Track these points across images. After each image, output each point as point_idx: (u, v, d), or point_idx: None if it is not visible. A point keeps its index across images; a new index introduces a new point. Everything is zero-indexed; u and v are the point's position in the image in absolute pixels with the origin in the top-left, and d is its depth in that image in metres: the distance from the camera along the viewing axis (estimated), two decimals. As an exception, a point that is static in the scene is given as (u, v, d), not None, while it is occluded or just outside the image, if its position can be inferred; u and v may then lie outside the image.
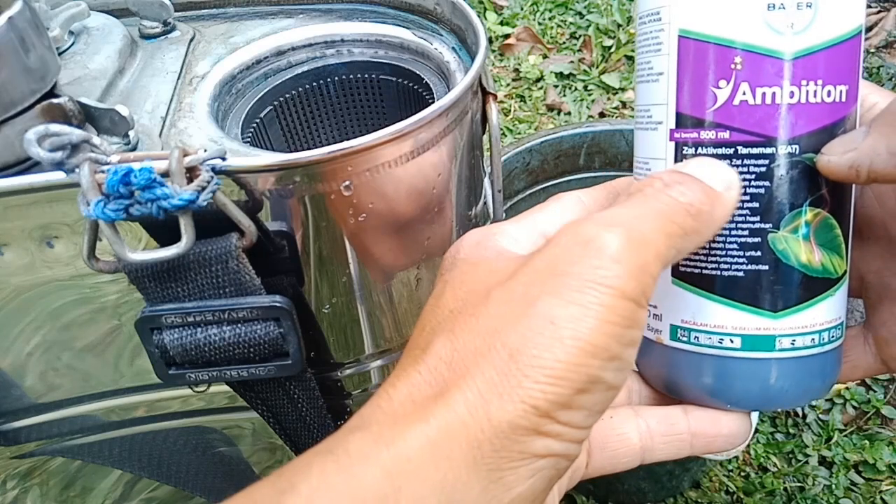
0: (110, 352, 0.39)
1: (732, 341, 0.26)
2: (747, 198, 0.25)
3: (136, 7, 0.44)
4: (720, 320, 0.26)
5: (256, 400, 0.36)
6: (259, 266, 0.32)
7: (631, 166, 0.29)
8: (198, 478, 0.49)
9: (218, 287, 0.31)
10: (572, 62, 1.42)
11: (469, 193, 0.40)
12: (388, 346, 0.41)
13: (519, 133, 1.28)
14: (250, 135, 0.42)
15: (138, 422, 0.44)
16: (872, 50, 1.38)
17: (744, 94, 0.24)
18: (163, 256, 0.29)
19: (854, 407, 0.84)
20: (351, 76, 0.45)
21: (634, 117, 0.29)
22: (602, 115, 1.31)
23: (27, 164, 0.32)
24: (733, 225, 0.25)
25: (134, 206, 0.28)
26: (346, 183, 0.32)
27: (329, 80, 0.45)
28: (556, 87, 1.38)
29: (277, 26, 0.45)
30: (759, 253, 0.25)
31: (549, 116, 1.33)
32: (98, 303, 0.36)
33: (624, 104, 1.34)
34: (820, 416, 0.84)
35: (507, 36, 1.52)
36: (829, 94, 0.24)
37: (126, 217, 0.28)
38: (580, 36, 1.50)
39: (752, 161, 0.25)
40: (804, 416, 0.84)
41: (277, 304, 0.32)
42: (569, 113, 1.32)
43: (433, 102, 0.34)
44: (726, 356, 0.26)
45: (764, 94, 0.24)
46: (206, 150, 0.29)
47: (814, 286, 0.26)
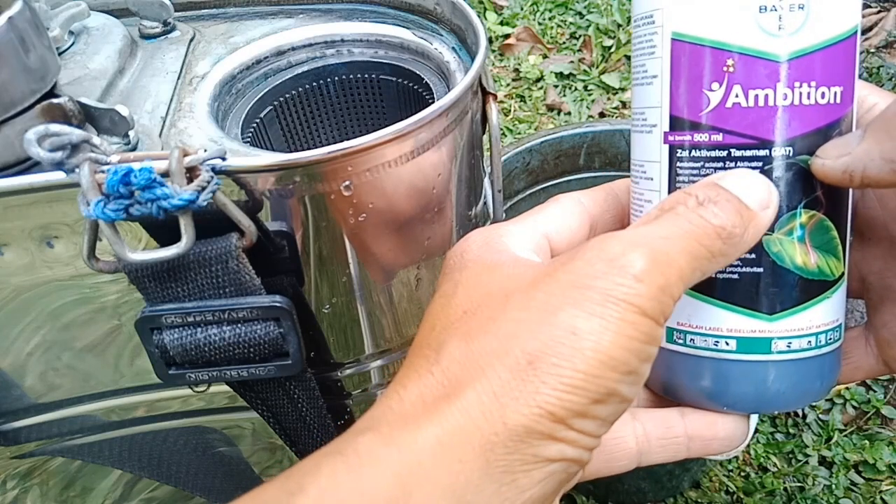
0: (110, 352, 0.39)
1: (728, 344, 0.26)
2: None
3: (136, 7, 0.44)
4: (716, 322, 0.26)
5: (256, 400, 0.36)
6: (259, 266, 0.32)
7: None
8: (198, 478, 0.49)
9: (218, 287, 0.31)
10: (572, 62, 1.42)
11: (469, 193, 0.40)
12: (388, 346, 0.41)
13: (519, 133, 1.28)
14: (250, 135, 0.42)
15: (138, 422, 0.44)
16: (872, 50, 1.38)
17: (736, 96, 0.24)
18: (163, 256, 0.29)
19: (854, 407, 0.84)
20: (351, 76, 0.45)
21: (631, 120, 0.29)
22: (602, 115, 1.32)
23: (27, 164, 0.32)
24: None
25: (134, 206, 0.28)
26: (346, 183, 0.32)
27: (329, 80, 0.45)
28: (556, 87, 1.38)
29: (277, 26, 0.45)
30: (754, 255, 0.25)
31: (549, 116, 1.33)
32: (98, 303, 0.36)
33: (624, 104, 1.34)
34: (820, 416, 0.84)
35: (507, 36, 1.52)
36: (823, 95, 0.24)
37: (126, 217, 0.28)
38: (580, 36, 1.50)
39: (746, 163, 0.25)
40: (804, 416, 0.84)
41: (277, 304, 0.32)
42: (569, 113, 1.32)
43: (433, 102, 0.34)
44: (722, 358, 0.26)
45: (757, 96, 0.24)
46: (206, 150, 0.29)
47: (810, 288, 0.26)
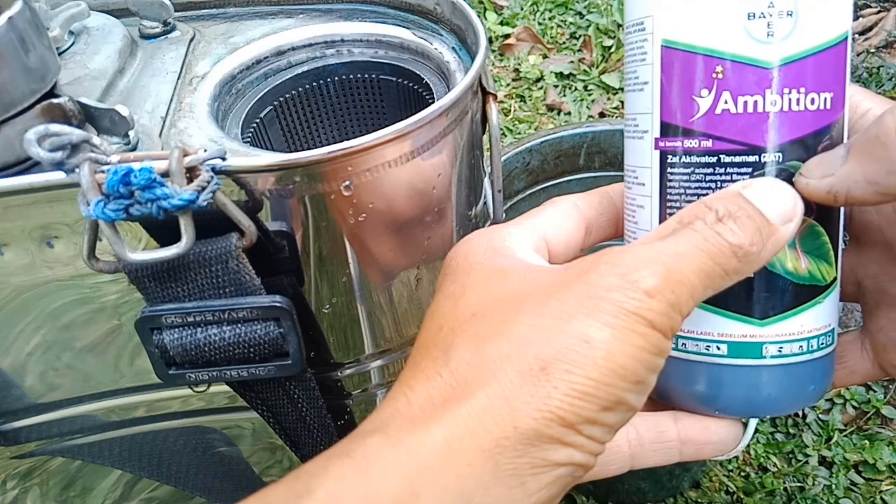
0: (110, 352, 0.39)
1: (719, 348, 0.26)
2: None
3: (136, 7, 0.44)
4: (707, 327, 0.26)
5: (256, 400, 0.36)
6: (259, 266, 0.32)
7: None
8: (198, 478, 0.49)
9: (218, 287, 0.31)
10: (572, 62, 1.42)
11: (469, 193, 0.40)
12: (388, 346, 0.41)
13: (519, 133, 1.28)
14: (250, 135, 0.42)
15: (138, 422, 0.44)
16: (872, 50, 1.38)
17: (726, 102, 0.24)
18: (163, 256, 0.29)
19: (854, 407, 0.84)
20: (351, 76, 0.45)
21: (624, 125, 0.29)
22: (602, 115, 1.32)
23: (27, 164, 0.32)
24: None
25: (134, 206, 0.28)
26: (346, 183, 0.32)
27: (329, 80, 0.45)
28: (556, 87, 1.38)
29: (277, 26, 0.45)
30: None
31: (549, 116, 1.33)
32: (98, 303, 0.36)
33: (624, 104, 1.34)
34: (820, 416, 0.84)
35: (507, 36, 1.52)
36: (812, 101, 0.24)
37: (126, 217, 0.28)
38: (580, 36, 1.50)
39: (736, 169, 0.25)
40: (804, 416, 0.84)
41: (277, 304, 0.32)
42: (569, 113, 1.32)
43: (433, 102, 0.34)
44: (714, 363, 0.26)
45: (746, 102, 0.24)
46: (206, 150, 0.29)
47: (801, 293, 0.26)
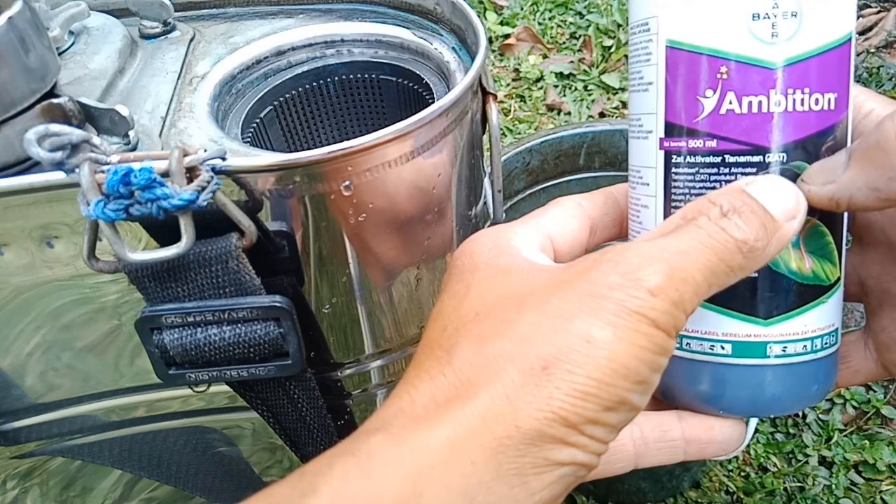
0: (110, 352, 0.39)
1: (724, 348, 0.26)
2: None
3: (136, 7, 0.44)
4: (711, 327, 0.26)
5: (256, 400, 0.36)
6: (259, 266, 0.32)
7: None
8: (198, 478, 0.49)
9: (218, 287, 0.31)
10: (572, 62, 1.42)
11: (469, 193, 0.40)
12: (388, 346, 0.41)
13: (519, 133, 1.28)
14: (250, 135, 0.42)
15: (138, 422, 0.44)
16: (872, 50, 1.38)
17: (730, 103, 0.24)
18: (163, 256, 0.29)
19: (854, 407, 0.84)
20: (351, 76, 0.45)
21: (628, 125, 0.29)
22: (602, 115, 1.32)
23: (27, 164, 0.32)
24: None
25: (134, 206, 0.28)
26: (346, 183, 0.32)
27: (329, 80, 0.45)
28: (556, 87, 1.38)
29: (277, 26, 0.45)
30: None
31: (549, 116, 1.33)
32: (98, 303, 0.36)
33: (624, 104, 1.33)
34: (820, 416, 0.84)
35: (507, 36, 1.52)
36: (816, 102, 0.24)
37: (126, 217, 0.28)
38: (580, 36, 1.50)
39: (740, 169, 0.25)
40: (804, 416, 0.84)
41: (277, 304, 0.32)
42: (569, 113, 1.32)
43: (433, 102, 0.34)
44: (718, 362, 0.26)
45: (750, 102, 0.24)
46: (206, 150, 0.29)
47: (805, 293, 0.26)
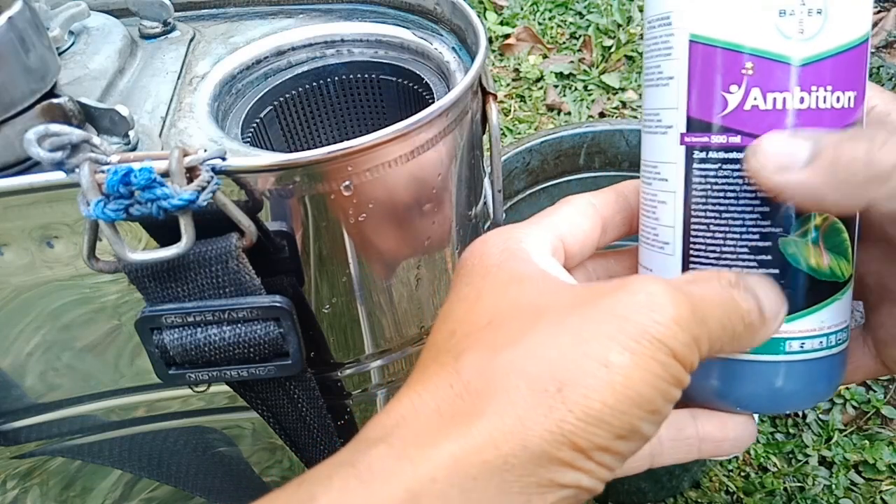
0: (110, 352, 0.39)
1: None
2: (758, 202, 0.25)
3: (136, 7, 0.44)
4: None
5: (256, 400, 0.36)
6: (259, 266, 0.32)
7: (631, 166, 0.29)
8: (198, 478, 0.49)
9: (218, 287, 0.31)
10: (572, 62, 1.42)
11: (469, 193, 0.40)
12: (388, 346, 0.41)
13: (519, 133, 1.28)
14: (250, 135, 0.42)
15: (138, 422, 0.44)
16: (872, 50, 1.38)
17: (755, 99, 0.24)
18: (163, 256, 0.29)
19: (854, 407, 0.84)
20: (351, 76, 0.45)
21: (642, 121, 0.28)
22: (602, 115, 1.32)
23: (27, 164, 0.32)
24: (744, 229, 0.25)
25: (134, 206, 0.28)
26: (346, 183, 0.32)
27: (329, 80, 0.45)
28: (556, 87, 1.38)
29: (277, 26, 0.45)
30: (769, 257, 0.25)
31: (549, 116, 1.33)
32: (98, 303, 0.36)
33: (624, 104, 1.34)
34: (820, 416, 0.84)
35: (507, 36, 1.52)
36: (838, 99, 0.24)
37: (126, 217, 0.28)
38: (580, 36, 1.50)
39: None
40: (804, 416, 0.84)
41: (277, 304, 0.32)
42: (569, 113, 1.32)
43: (433, 102, 0.34)
44: (735, 359, 0.26)
45: (775, 99, 0.24)
46: (206, 150, 0.29)
47: (822, 290, 0.26)
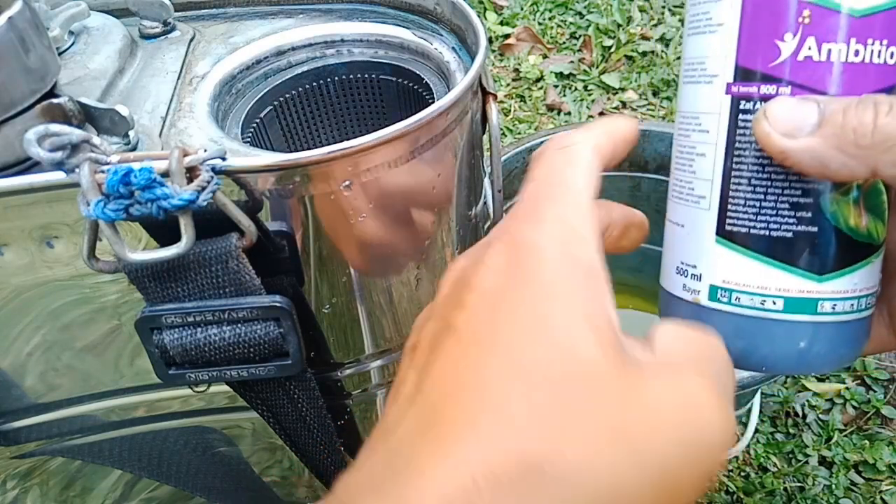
0: (110, 352, 0.39)
1: (775, 303, 0.26)
2: None
3: (136, 7, 0.44)
4: (764, 281, 0.26)
5: (256, 400, 0.36)
6: (259, 266, 0.32)
7: (631, 165, 0.29)
8: (198, 478, 0.49)
9: (218, 287, 0.31)
10: (572, 62, 1.42)
11: (469, 193, 0.40)
12: (388, 346, 0.41)
13: (519, 133, 1.28)
14: (250, 135, 0.42)
15: (138, 422, 0.44)
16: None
17: (809, 48, 0.24)
18: (163, 256, 0.29)
19: (854, 407, 0.84)
20: (351, 76, 0.45)
21: (682, 71, 0.28)
22: (602, 115, 1.32)
23: (27, 164, 0.32)
24: (787, 184, 0.25)
25: (134, 206, 0.28)
26: (346, 183, 0.32)
27: (329, 80, 0.45)
28: (556, 87, 1.38)
29: (277, 26, 0.45)
30: (809, 214, 0.25)
31: (549, 116, 1.33)
32: (98, 303, 0.36)
33: (624, 104, 1.34)
34: (820, 416, 0.84)
35: (507, 36, 1.52)
36: (892, 55, 0.24)
37: (126, 217, 0.28)
38: (580, 36, 1.50)
39: None
40: (804, 417, 0.84)
41: (277, 304, 0.32)
42: (569, 113, 1.32)
43: (433, 102, 0.34)
44: (767, 318, 0.26)
45: (830, 50, 0.24)
46: (206, 150, 0.29)
47: (858, 251, 0.25)
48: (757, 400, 0.78)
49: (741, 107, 0.25)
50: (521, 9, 1.60)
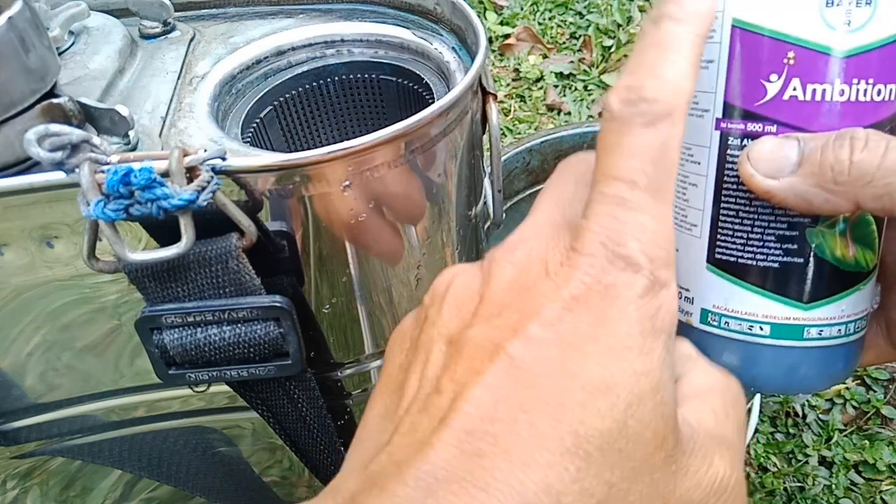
0: (110, 352, 0.39)
1: (762, 329, 0.26)
2: None
3: (136, 7, 0.44)
4: (751, 308, 0.26)
5: (256, 400, 0.36)
6: (259, 266, 0.32)
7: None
8: (198, 478, 0.49)
9: (218, 287, 0.31)
10: (572, 62, 1.42)
11: (469, 193, 0.40)
12: (388, 346, 0.41)
13: (519, 133, 1.28)
14: (250, 135, 0.42)
15: (138, 422, 0.44)
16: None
17: (794, 89, 0.24)
18: (163, 256, 0.29)
19: (854, 407, 0.84)
20: (351, 76, 0.45)
21: None
22: (602, 115, 1.32)
23: (27, 164, 0.32)
24: (773, 217, 0.25)
25: (134, 206, 0.28)
26: (346, 183, 0.32)
27: (329, 80, 0.45)
28: (556, 87, 1.38)
29: (277, 26, 0.45)
30: (795, 246, 0.25)
31: (549, 116, 1.33)
32: (98, 303, 0.36)
33: (624, 104, 1.33)
34: (820, 416, 0.84)
35: (507, 36, 1.52)
36: (878, 93, 0.24)
37: (126, 217, 0.28)
38: (580, 36, 1.50)
39: None
40: (804, 417, 0.84)
41: (277, 304, 0.32)
42: (569, 113, 1.32)
43: (433, 102, 0.34)
44: (754, 342, 0.27)
45: (815, 90, 0.24)
46: (206, 150, 0.29)
47: (845, 280, 0.26)
48: (757, 400, 0.78)
49: (729, 142, 0.26)
50: (521, 9, 1.60)
